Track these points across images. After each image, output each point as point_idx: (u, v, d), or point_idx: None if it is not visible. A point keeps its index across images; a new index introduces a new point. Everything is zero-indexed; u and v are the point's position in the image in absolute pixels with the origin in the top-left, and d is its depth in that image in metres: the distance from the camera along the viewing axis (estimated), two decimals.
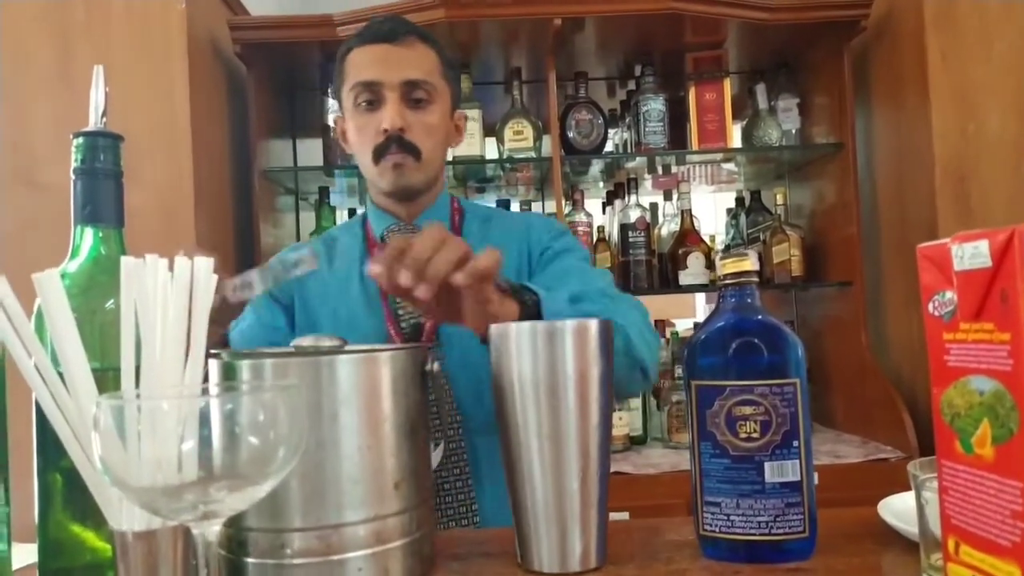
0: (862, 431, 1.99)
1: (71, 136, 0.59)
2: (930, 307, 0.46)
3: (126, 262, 0.47)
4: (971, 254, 0.42)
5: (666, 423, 2.01)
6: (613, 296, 1.03)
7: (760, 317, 0.66)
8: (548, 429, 0.62)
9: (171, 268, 0.48)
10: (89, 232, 0.60)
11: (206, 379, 0.60)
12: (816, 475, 1.78)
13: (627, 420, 1.98)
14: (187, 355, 0.48)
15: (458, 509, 1.00)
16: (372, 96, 1.04)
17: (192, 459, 0.43)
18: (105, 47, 1.65)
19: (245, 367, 0.59)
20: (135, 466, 0.42)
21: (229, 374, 0.59)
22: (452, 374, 1.02)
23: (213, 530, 0.43)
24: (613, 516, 1.35)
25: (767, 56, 2.15)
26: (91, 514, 0.52)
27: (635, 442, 2.01)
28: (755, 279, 0.67)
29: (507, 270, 1.08)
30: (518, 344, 0.63)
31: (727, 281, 0.67)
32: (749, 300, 0.67)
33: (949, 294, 0.44)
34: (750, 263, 0.66)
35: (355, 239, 1.15)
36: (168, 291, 0.47)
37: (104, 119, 0.60)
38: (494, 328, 0.65)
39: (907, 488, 0.61)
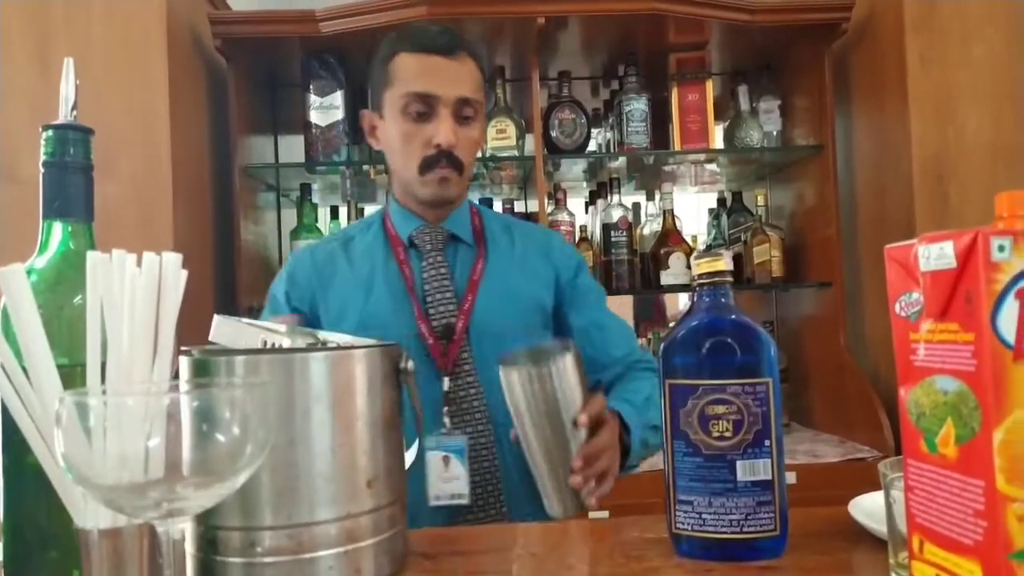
0: (840, 430, 2.01)
1: (40, 129, 0.58)
2: (897, 307, 0.46)
3: (92, 257, 0.46)
4: (937, 255, 0.42)
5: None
6: (651, 368, 1.16)
7: (733, 317, 0.66)
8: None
9: (139, 264, 0.48)
10: (58, 227, 0.59)
11: (177, 376, 0.60)
12: (794, 474, 1.79)
13: None
14: (155, 352, 0.48)
15: (487, 499, 1.03)
16: (424, 108, 1.04)
17: (158, 456, 0.43)
18: (84, 40, 1.63)
19: (217, 364, 0.58)
20: (100, 463, 0.42)
21: (201, 371, 0.59)
22: (482, 370, 1.06)
23: (178, 528, 0.43)
24: (593, 515, 1.36)
25: (749, 58, 2.16)
26: (57, 511, 0.51)
27: None
28: (729, 279, 0.67)
29: (534, 281, 1.16)
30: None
31: (701, 281, 0.67)
32: (723, 300, 0.67)
33: (915, 294, 0.44)
34: (724, 263, 0.66)
35: (375, 238, 1.16)
36: (136, 287, 0.46)
37: (74, 112, 0.59)
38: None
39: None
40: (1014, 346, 0.39)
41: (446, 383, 1.04)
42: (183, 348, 0.60)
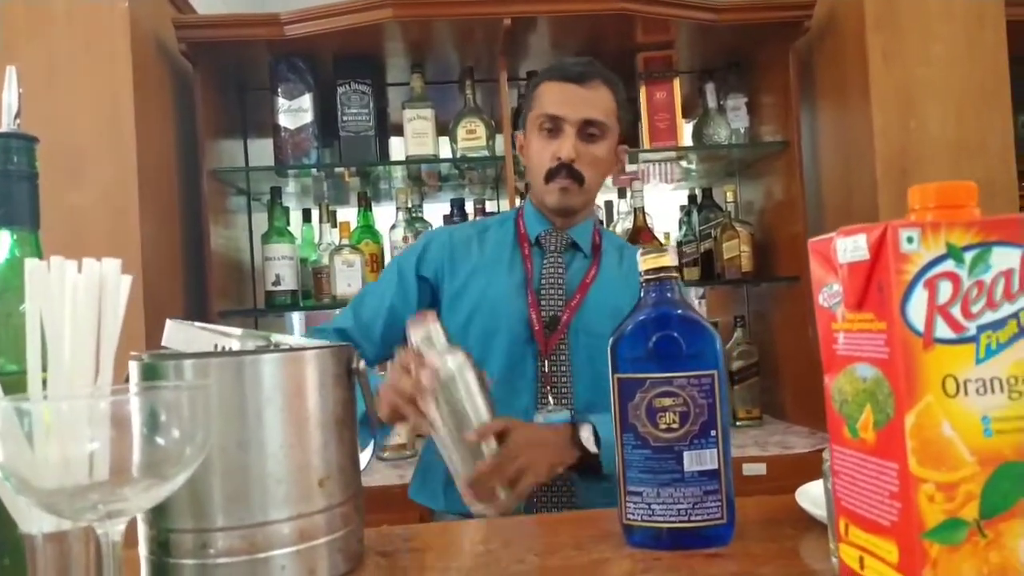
0: (811, 422, 2.04)
1: None
2: (820, 298, 0.48)
3: (30, 264, 0.46)
4: (852, 247, 0.44)
5: None
6: None
7: (679, 311, 0.68)
8: None
9: (80, 270, 0.48)
10: (4, 235, 0.59)
11: (127, 381, 0.60)
12: (764, 465, 1.81)
13: None
14: (98, 357, 0.48)
15: (560, 487, 1.14)
16: (553, 126, 1.21)
17: (102, 459, 0.43)
18: (46, 48, 1.62)
19: (165, 368, 0.59)
20: (41, 468, 0.42)
21: (149, 375, 0.59)
22: (575, 357, 1.20)
23: (117, 529, 0.43)
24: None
25: (716, 56, 2.18)
26: (6, 518, 0.51)
27: None
28: (674, 274, 0.69)
29: (635, 298, 1.23)
30: None
31: (647, 277, 0.69)
32: (669, 295, 0.68)
33: (836, 286, 0.46)
34: (668, 259, 0.68)
35: (507, 232, 1.32)
36: (76, 294, 0.47)
37: (18, 120, 0.59)
38: None
39: None
40: (923, 334, 0.41)
41: (546, 365, 1.19)
42: (132, 353, 0.61)
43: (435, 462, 1.19)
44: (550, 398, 1.17)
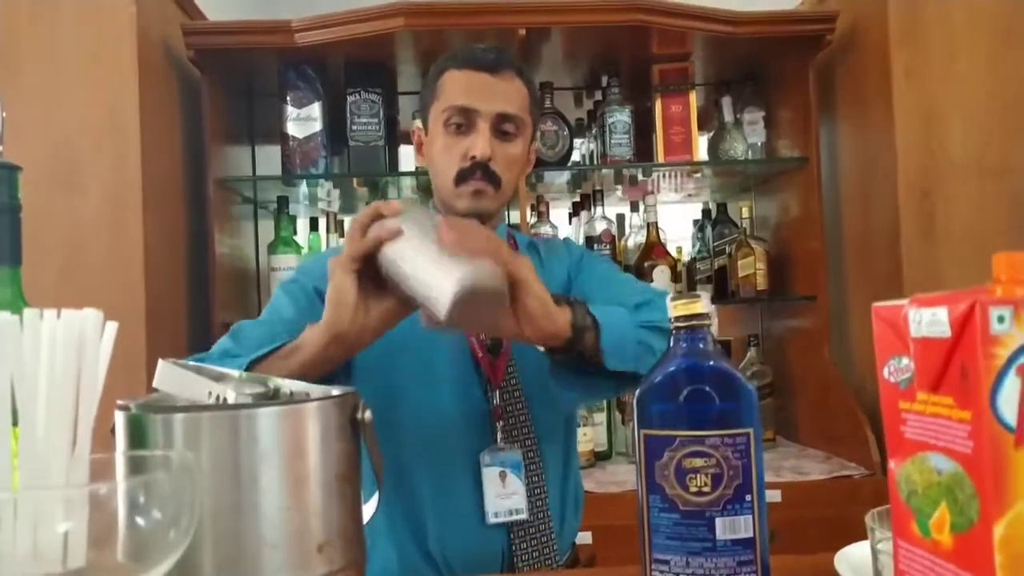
0: (825, 446, 1.98)
1: None
2: (885, 371, 0.42)
3: None
4: (929, 321, 0.39)
5: (631, 438, 1.99)
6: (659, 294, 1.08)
7: (712, 363, 0.62)
8: None
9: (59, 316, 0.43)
10: None
11: (112, 432, 0.56)
12: (779, 492, 1.75)
13: (592, 436, 1.95)
14: (76, 425, 0.43)
15: (536, 515, 1.05)
16: (464, 121, 1.05)
17: (73, 545, 0.38)
18: (52, 51, 1.58)
19: (154, 423, 0.54)
20: (6, 557, 0.38)
21: (136, 429, 0.54)
22: (525, 382, 1.09)
23: None
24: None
25: (733, 69, 2.13)
26: None
27: (600, 458, 1.99)
28: (707, 322, 0.63)
29: (556, 285, 1.14)
30: None
31: (678, 324, 0.63)
32: (701, 345, 0.63)
33: (906, 360, 0.41)
34: (701, 306, 0.63)
35: None
36: (54, 354, 0.42)
37: (0, 147, 0.54)
38: None
39: (868, 508, 0.58)
40: (1015, 430, 0.35)
41: (497, 397, 1.07)
42: (119, 401, 0.56)
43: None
44: (499, 435, 1.05)
